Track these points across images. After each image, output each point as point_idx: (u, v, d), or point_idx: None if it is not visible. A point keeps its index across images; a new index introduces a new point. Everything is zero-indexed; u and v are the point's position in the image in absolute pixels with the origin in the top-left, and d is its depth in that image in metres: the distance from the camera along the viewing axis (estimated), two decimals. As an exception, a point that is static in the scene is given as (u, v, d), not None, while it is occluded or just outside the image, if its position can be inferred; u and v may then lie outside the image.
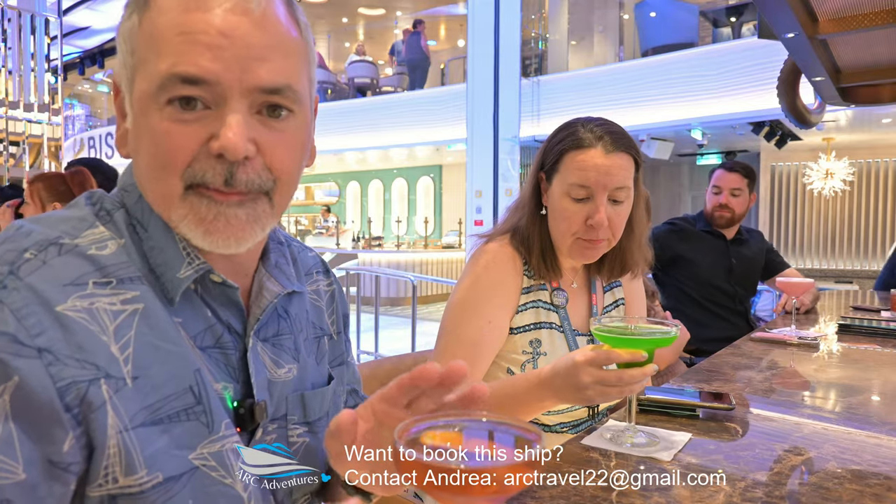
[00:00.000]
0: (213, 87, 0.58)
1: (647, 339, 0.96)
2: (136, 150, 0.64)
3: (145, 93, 0.60)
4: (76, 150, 14.76)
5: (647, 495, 0.81)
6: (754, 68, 7.09)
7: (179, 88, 0.58)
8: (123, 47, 0.63)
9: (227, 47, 0.58)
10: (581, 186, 1.22)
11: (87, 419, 0.54)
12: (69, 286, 0.56)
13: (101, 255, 0.60)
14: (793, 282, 2.17)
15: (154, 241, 0.64)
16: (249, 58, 0.59)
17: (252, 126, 0.60)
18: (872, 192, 9.86)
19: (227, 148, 0.58)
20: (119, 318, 0.58)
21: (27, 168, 9.19)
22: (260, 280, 0.72)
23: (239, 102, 0.59)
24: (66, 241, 0.59)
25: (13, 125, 9.05)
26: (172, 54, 0.58)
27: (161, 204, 0.63)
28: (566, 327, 1.31)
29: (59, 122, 9.62)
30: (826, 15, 1.66)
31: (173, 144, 0.59)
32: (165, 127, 0.59)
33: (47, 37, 9.46)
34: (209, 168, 0.60)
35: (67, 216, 0.63)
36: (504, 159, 8.64)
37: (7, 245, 0.57)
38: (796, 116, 2.91)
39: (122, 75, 0.64)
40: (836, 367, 1.69)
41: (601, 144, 1.22)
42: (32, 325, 0.53)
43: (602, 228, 1.21)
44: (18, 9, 9.05)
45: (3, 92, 8.82)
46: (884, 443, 1.03)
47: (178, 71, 0.58)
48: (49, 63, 9.47)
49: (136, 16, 0.61)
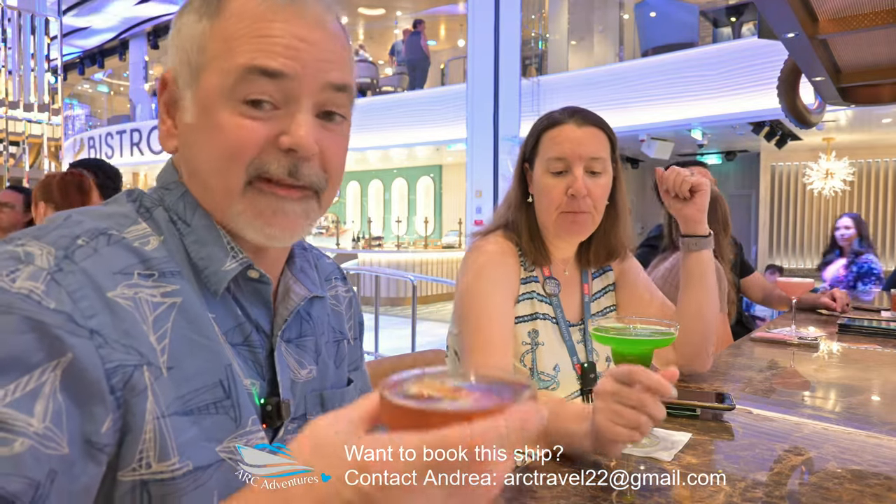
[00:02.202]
0: (288, 82, 0.63)
1: (647, 339, 0.96)
2: (195, 144, 0.66)
3: (215, 87, 0.63)
4: (76, 150, 14.76)
5: (647, 495, 0.81)
6: (754, 68, 7.09)
7: (256, 82, 0.62)
8: (188, 46, 0.65)
9: (304, 49, 0.63)
10: (558, 159, 1.26)
11: (128, 403, 0.55)
12: (118, 274, 0.59)
13: (144, 249, 0.62)
14: (793, 282, 2.17)
15: (197, 235, 0.66)
16: (323, 59, 0.65)
17: (316, 126, 0.65)
18: (872, 192, 9.86)
19: (300, 144, 0.63)
20: (158, 310, 0.60)
21: (27, 168, 9.19)
22: (286, 283, 0.75)
23: (307, 103, 0.64)
24: (114, 232, 0.62)
25: (13, 125, 9.05)
26: (251, 51, 0.62)
27: (221, 198, 0.65)
28: (559, 317, 1.32)
29: (59, 122, 9.62)
30: (826, 15, 1.66)
31: (242, 137, 0.63)
32: (236, 121, 0.63)
33: (47, 37, 9.46)
34: (274, 160, 0.63)
35: (111, 212, 0.65)
36: (504, 159, 8.64)
37: (60, 231, 0.59)
38: (796, 116, 2.90)
39: (182, 71, 0.66)
40: (836, 367, 1.69)
41: (573, 120, 1.28)
42: (86, 307, 0.55)
43: (582, 198, 1.23)
44: (18, 9, 9.05)
45: (3, 92, 8.82)
46: (884, 443, 1.03)
47: (257, 63, 0.62)
48: (49, 63, 9.47)
49: (206, 21, 0.65)
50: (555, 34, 10.45)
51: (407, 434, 0.35)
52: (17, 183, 9.06)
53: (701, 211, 1.35)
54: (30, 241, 0.57)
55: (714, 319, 1.36)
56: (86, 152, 14.33)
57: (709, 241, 1.35)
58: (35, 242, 0.57)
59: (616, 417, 0.83)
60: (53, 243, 0.57)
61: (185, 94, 0.66)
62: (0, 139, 8.89)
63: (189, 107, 0.66)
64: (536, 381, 1.29)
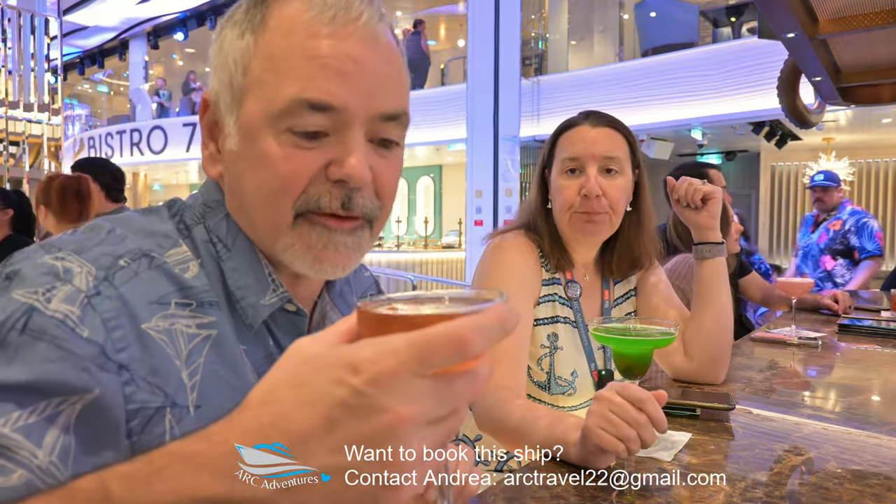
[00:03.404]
0: (339, 113, 0.58)
1: (647, 339, 0.96)
2: (239, 173, 0.62)
3: (260, 115, 0.59)
4: (76, 150, 14.76)
5: (647, 495, 0.81)
6: (754, 68, 7.09)
7: (306, 116, 0.58)
8: (230, 66, 0.61)
9: (355, 73, 0.59)
10: (571, 159, 1.25)
11: (140, 443, 0.54)
12: (154, 304, 0.56)
13: (184, 276, 0.60)
14: (793, 282, 2.17)
15: (237, 262, 0.64)
16: (375, 85, 0.60)
17: (368, 152, 0.61)
18: (872, 192, 9.86)
19: (353, 176, 0.59)
20: (192, 342, 0.58)
21: (27, 168, 9.19)
22: (323, 308, 0.72)
23: (360, 129, 0.60)
24: (156, 255, 0.59)
25: (13, 125, 9.05)
26: (300, 78, 0.58)
27: (268, 230, 0.62)
28: (579, 321, 1.31)
29: (59, 122, 9.62)
30: (826, 15, 1.66)
31: (290, 170, 0.59)
32: (284, 152, 0.59)
33: (47, 37, 9.46)
34: (325, 192, 0.60)
35: (153, 229, 0.63)
36: (504, 159, 8.64)
37: (103, 248, 0.57)
38: (796, 116, 2.90)
39: (224, 94, 0.62)
40: (836, 367, 1.69)
41: (587, 121, 1.28)
42: (118, 338, 0.53)
43: (596, 199, 1.22)
44: (18, 9, 9.06)
45: (3, 92, 8.82)
46: (884, 443, 1.03)
47: (307, 97, 0.57)
48: (49, 63, 9.47)
49: (249, 36, 0.60)
50: (555, 34, 10.44)
51: (392, 336, 0.35)
52: (18, 183, 9.07)
53: (713, 218, 1.34)
54: (70, 254, 0.55)
55: (730, 327, 1.34)
56: (86, 152, 14.33)
57: (722, 249, 1.34)
58: (75, 258, 0.55)
59: (607, 425, 0.83)
60: (95, 261, 0.55)
61: (228, 120, 0.62)
62: (0, 139, 8.89)
63: (232, 133, 0.62)
64: (553, 385, 1.28)
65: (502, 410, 1.05)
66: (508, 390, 1.11)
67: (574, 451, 0.88)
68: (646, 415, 0.82)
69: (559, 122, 1.35)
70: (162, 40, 14.95)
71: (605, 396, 0.85)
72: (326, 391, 0.35)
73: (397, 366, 0.34)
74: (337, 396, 0.35)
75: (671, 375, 1.40)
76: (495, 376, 1.14)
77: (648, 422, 0.82)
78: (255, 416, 0.37)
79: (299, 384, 0.36)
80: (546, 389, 1.28)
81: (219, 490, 0.35)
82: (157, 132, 13.40)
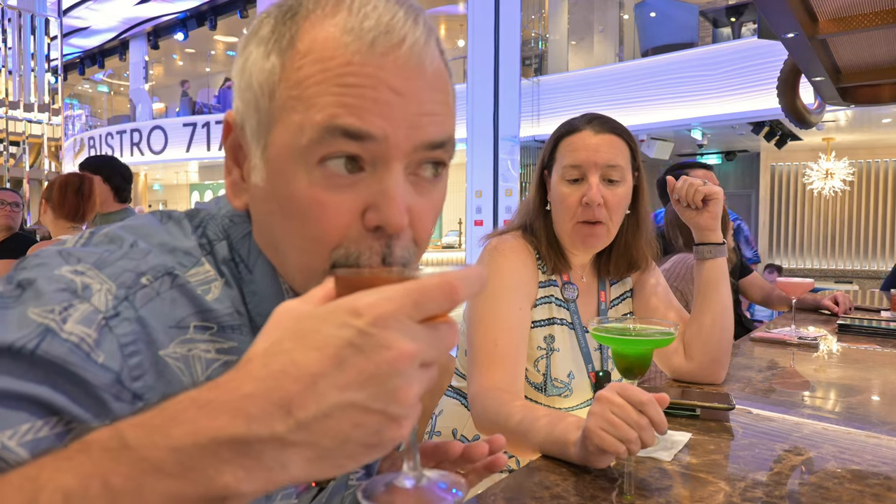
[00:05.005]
0: (377, 144, 0.52)
1: (647, 339, 0.96)
2: (269, 213, 0.58)
3: (290, 147, 0.53)
4: (76, 150, 14.76)
5: (647, 495, 0.81)
6: (754, 68, 7.10)
7: (340, 144, 0.52)
8: (256, 89, 0.55)
9: (397, 105, 0.53)
10: (573, 167, 1.25)
11: None
12: (174, 328, 0.54)
13: (205, 298, 0.57)
14: (793, 282, 2.17)
15: (258, 286, 0.61)
16: (418, 115, 0.54)
17: (407, 192, 0.55)
18: (872, 192, 9.87)
19: (390, 223, 0.53)
20: (210, 368, 0.56)
21: (27, 168, 9.19)
22: None
23: (400, 164, 0.54)
24: (178, 273, 0.57)
25: (13, 125, 9.05)
26: (332, 105, 0.52)
27: (300, 273, 0.59)
28: (576, 323, 1.31)
29: (59, 122, 9.62)
30: (826, 15, 1.66)
31: (325, 219, 0.54)
32: (316, 195, 0.53)
33: (47, 37, 9.46)
34: (365, 247, 0.55)
35: (175, 246, 0.59)
36: (504, 159, 8.63)
37: (125, 263, 0.55)
38: (796, 116, 2.90)
39: (250, 118, 0.57)
40: (836, 367, 1.69)
41: (590, 127, 1.26)
42: (134, 365, 0.51)
43: (598, 207, 1.22)
44: (18, 9, 9.06)
45: (3, 92, 8.82)
46: (884, 443, 1.03)
47: (340, 123, 0.51)
48: (49, 63, 9.47)
49: (275, 57, 0.54)
50: (555, 34, 10.45)
51: (389, 286, 0.38)
52: (17, 183, 9.07)
53: (714, 219, 1.34)
54: (90, 268, 0.53)
55: (730, 328, 1.34)
56: (86, 152, 14.33)
57: (722, 249, 1.34)
58: (96, 274, 0.52)
59: (608, 426, 0.82)
60: (115, 278, 0.53)
61: (255, 149, 0.57)
62: (0, 139, 8.89)
63: (259, 166, 0.57)
64: (549, 387, 1.28)
65: (501, 412, 1.06)
66: (507, 392, 1.11)
67: (574, 451, 0.88)
68: (647, 417, 0.82)
69: (559, 122, 1.34)
70: (162, 40, 14.96)
71: (606, 397, 0.85)
72: (333, 334, 0.37)
73: (396, 309, 0.37)
74: (343, 337, 0.36)
75: (671, 376, 1.40)
76: (494, 378, 1.15)
77: (649, 424, 0.82)
78: (262, 364, 0.37)
79: (303, 334, 0.38)
80: (542, 391, 1.28)
81: (238, 430, 0.35)
82: (157, 132, 13.41)
